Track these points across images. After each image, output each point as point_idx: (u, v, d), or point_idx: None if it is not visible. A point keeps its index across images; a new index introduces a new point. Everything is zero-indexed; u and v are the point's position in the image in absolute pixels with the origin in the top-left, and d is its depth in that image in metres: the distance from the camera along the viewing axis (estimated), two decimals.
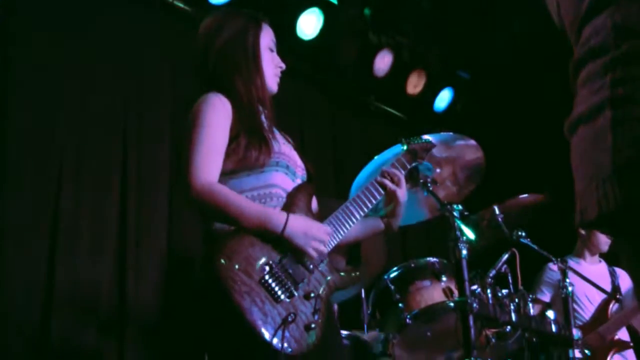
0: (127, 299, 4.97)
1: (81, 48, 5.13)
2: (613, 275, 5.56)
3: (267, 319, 2.60)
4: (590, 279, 4.68)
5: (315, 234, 2.80)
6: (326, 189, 3.10)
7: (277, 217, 2.76)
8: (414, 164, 3.25)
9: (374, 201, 3.05)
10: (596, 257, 5.62)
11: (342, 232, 2.95)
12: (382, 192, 3.08)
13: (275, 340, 2.58)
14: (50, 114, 4.90)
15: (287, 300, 2.69)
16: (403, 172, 3.15)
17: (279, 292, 2.68)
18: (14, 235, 4.55)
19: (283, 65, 3.20)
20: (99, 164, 5.08)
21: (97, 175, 5.06)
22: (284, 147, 3.04)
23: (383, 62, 6.66)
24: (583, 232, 5.57)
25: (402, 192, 3.10)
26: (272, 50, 3.17)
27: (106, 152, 5.15)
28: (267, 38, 3.15)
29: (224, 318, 2.64)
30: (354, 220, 2.98)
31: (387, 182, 3.08)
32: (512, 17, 6.46)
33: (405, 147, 3.26)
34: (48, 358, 4.53)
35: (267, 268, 2.70)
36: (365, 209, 3.02)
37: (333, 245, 2.92)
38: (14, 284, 4.49)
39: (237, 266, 2.63)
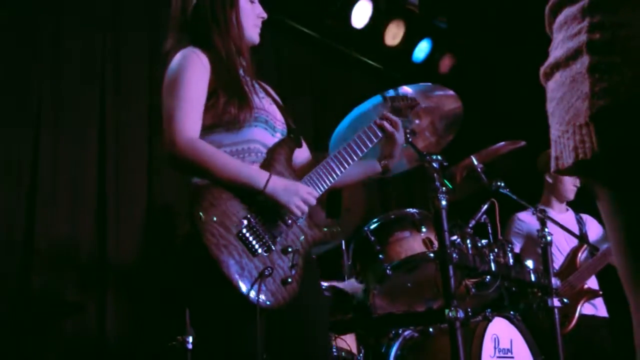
0: (107, 254, 4.96)
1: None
2: (580, 222, 5.58)
3: (244, 272, 2.61)
4: (566, 227, 4.70)
5: (297, 191, 2.80)
6: (306, 140, 3.10)
7: (259, 175, 2.76)
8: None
9: (369, 145, 3.06)
10: (564, 206, 5.62)
11: (333, 177, 2.96)
12: (379, 135, 3.09)
13: (252, 294, 2.59)
14: (25, 64, 4.85)
15: (265, 254, 2.70)
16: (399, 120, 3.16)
17: (257, 246, 2.69)
18: None
19: (265, 15, 3.16)
20: (76, 118, 5.04)
21: (75, 128, 5.02)
22: (263, 101, 3.02)
23: (361, 12, 6.62)
24: (550, 180, 5.58)
25: (400, 135, 3.13)
26: (252, 1, 3.13)
27: (83, 105, 5.10)
28: None
29: (202, 271, 2.65)
30: (349, 163, 3.00)
31: (387, 125, 3.09)
32: None
33: (389, 104, 3.25)
34: (29, 314, 4.52)
35: (245, 222, 2.71)
36: (359, 154, 3.03)
37: (320, 192, 2.93)
38: None
39: (214, 219, 2.64)
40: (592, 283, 5.27)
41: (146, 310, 5.03)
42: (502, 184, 4.09)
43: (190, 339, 4.12)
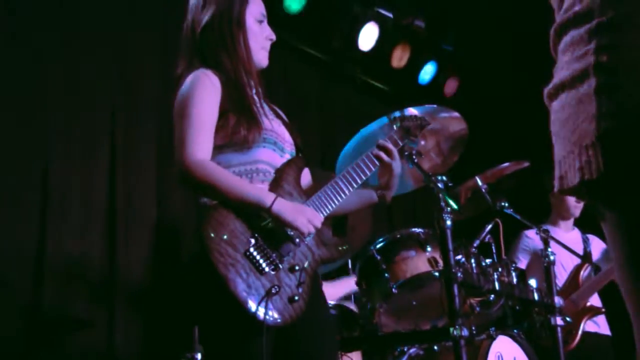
0: (116, 270, 4.96)
1: (68, 17, 5.08)
2: (586, 242, 5.59)
3: (251, 291, 2.60)
4: (568, 246, 4.71)
5: (304, 211, 2.79)
6: (313, 160, 3.09)
7: (266, 196, 2.75)
8: (406, 142, 3.23)
9: (368, 173, 3.04)
10: (570, 224, 5.64)
11: (332, 205, 2.94)
12: (377, 164, 3.06)
13: (259, 311, 2.58)
14: (39, 84, 4.85)
15: (272, 272, 2.69)
16: (397, 147, 3.14)
17: (264, 265, 2.68)
18: (3, 209, 4.53)
19: (273, 37, 3.14)
20: (87, 137, 5.05)
21: (86, 147, 5.02)
22: (273, 122, 3.02)
23: (368, 35, 6.64)
24: (555, 200, 5.59)
25: (397, 165, 3.10)
26: (260, 22, 3.10)
27: (94, 124, 5.11)
28: (254, 9, 3.09)
29: (210, 289, 2.64)
30: (345, 193, 2.97)
31: (383, 155, 3.06)
32: None
33: (397, 125, 3.24)
34: (40, 328, 4.53)
35: (253, 241, 2.70)
36: (358, 181, 3.01)
37: (323, 217, 2.91)
38: (6, 257, 4.48)
39: (223, 238, 2.63)
40: (595, 301, 5.26)
41: (155, 326, 5.03)
42: (506, 204, 4.09)
43: (199, 356, 4.10)
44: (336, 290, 4.74)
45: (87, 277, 4.87)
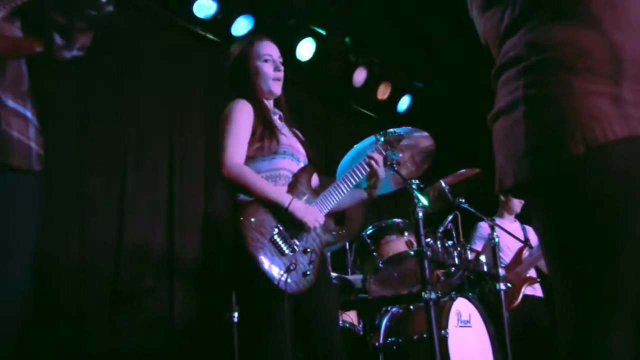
0: (175, 253, 4.99)
1: (136, 72, 5.11)
2: (524, 230, 5.61)
3: (274, 267, 2.64)
4: (512, 233, 4.75)
5: (312, 211, 2.83)
6: (319, 169, 3.12)
7: (285, 197, 2.79)
8: (389, 151, 3.25)
9: (360, 176, 3.07)
10: (513, 217, 5.65)
11: (335, 200, 2.96)
12: (367, 169, 3.08)
13: (280, 283, 2.62)
14: (116, 117, 4.90)
15: (290, 253, 2.73)
16: (381, 156, 3.16)
17: (284, 247, 2.72)
18: (92, 208, 4.56)
19: (281, 69, 3.08)
20: (153, 152, 5.08)
21: (151, 160, 5.06)
22: (290, 139, 3.05)
23: (360, 76, 6.67)
24: (503, 198, 5.61)
25: (381, 171, 3.12)
26: (266, 61, 3.06)
27: (157, 143, 5.15)
28: (259, 51, 3.07)
29: (245, 265, 2.66)
30: (344, 191, 3.00)
31: (373, 163, 3.08)
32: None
33: (382, 139, 3.26)
34: (119, 297, 4.57)
35: (276, 230, 2.73)
36: (354, 183, 3.04)
37: (327, 210, 2.94)
38: (93, 243, 4.51)
39: (253, 227, 2.67)
40: (532, 272, 5.31)
41: (203, 293, 5.05)
42: (463, 200, 4.10)
43: (236, 315, 4.11)
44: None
45: (153, 257, 4.90)
